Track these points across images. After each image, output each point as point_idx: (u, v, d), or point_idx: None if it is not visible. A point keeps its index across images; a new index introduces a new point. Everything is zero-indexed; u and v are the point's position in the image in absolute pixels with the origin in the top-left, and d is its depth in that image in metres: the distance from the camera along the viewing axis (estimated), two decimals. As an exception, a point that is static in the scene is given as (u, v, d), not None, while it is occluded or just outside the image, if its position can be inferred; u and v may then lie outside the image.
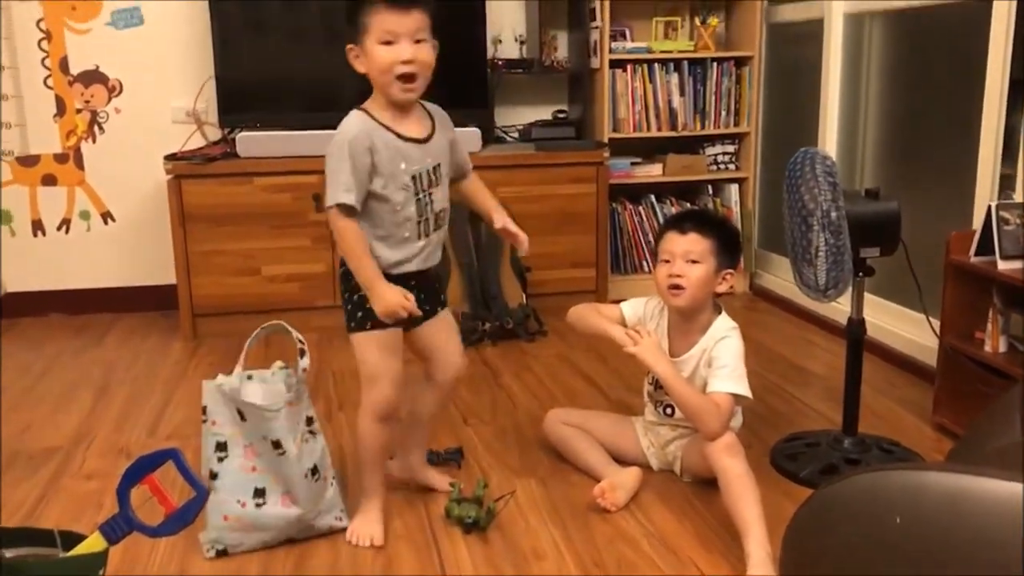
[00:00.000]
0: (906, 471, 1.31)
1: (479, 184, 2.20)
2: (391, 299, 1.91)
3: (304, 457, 1.97)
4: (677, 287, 2.15)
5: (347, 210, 1.90)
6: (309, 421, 2.02)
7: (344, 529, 2.06)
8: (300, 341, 2.00)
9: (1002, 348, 2.42)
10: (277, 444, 1.93)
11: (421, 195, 1.98)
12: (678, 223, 2.21)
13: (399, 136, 1.96)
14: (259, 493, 1.95)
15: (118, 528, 1.71)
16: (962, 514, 1.18)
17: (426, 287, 2.08)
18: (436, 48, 1.93)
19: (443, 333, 2.16)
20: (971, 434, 1.79)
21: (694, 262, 2.15)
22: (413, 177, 1.97)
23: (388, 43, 1.88)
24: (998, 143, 2.69)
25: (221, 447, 1.95)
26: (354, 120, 1.94)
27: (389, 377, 2.01)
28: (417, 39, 1.89)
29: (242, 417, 1.94)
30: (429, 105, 2.06)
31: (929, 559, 1.22)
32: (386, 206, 1.95)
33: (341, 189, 1.89)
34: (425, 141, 2.00)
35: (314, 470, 1.99)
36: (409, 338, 2.10)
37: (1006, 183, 2.68)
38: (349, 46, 1.93)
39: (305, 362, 1.99)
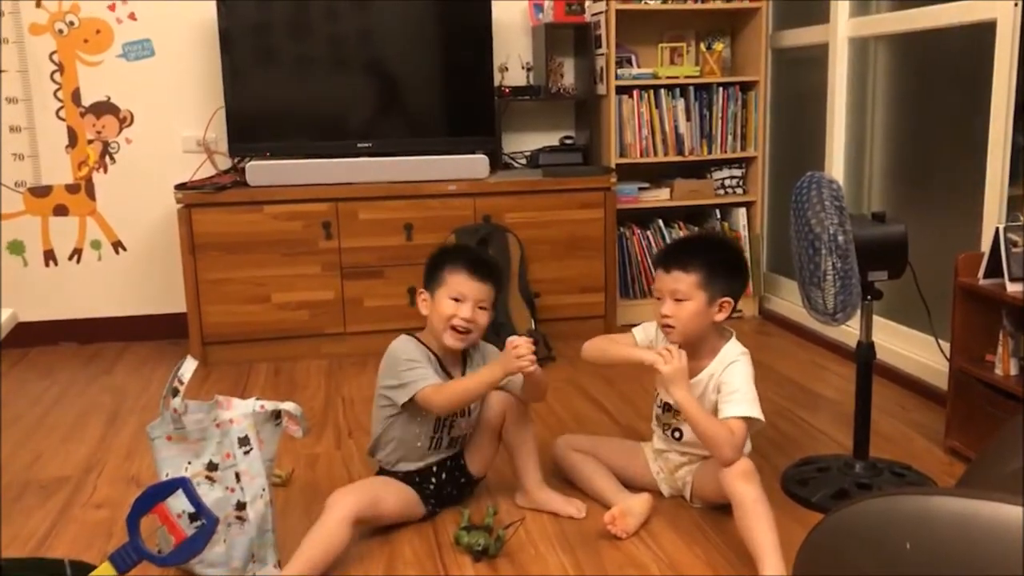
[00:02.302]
0: (916, 496, 1.30)
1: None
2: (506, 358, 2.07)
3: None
4: (668, 326, 2.17)
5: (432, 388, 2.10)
6: (211, 467, 1.92)
7: None
8: (179, 381, 1.92)
9: (1013, 371, 2.41)
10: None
11: (444, 417, 2.20)
12: (663, 260, 2.21)
13: (443, 367, 2.21)
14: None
15: (128, 557, 1.71)
16: (972, 539, 1.18)
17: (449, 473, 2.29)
18: (491, 318, 2.23)
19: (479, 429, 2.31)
20: (982, 458, 1.78)
21: (681, 300, 2.15)
22: None
23: (456, 300, 2.15)
24: (1005, 165, 2.69)
25: None
26: (409, 340, 2.20)
27: (376, 493, 2.12)
28: (481, 306, 2.17)
29: None
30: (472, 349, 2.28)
31: (940, 585, 1.21)
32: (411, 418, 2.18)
33: (422, 377, 2.11)
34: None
35: (193, 516, 1.85)
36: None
37: (1014, 205, 2.68)
38: (420, 291, 2.22)
39: (176, 402, 1.91)
